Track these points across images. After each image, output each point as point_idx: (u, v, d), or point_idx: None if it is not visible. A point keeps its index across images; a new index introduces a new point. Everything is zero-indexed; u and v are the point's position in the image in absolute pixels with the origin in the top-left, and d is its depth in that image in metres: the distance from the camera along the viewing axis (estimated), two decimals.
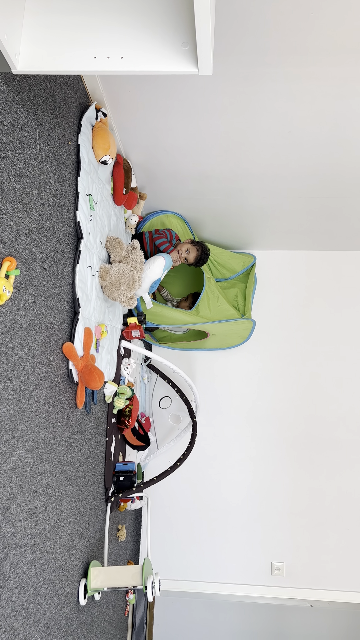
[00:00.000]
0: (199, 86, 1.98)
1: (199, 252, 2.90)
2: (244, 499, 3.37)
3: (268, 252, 3.65)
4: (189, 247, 2.88)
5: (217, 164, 2.53)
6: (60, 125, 1.69)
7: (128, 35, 1.25)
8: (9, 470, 1.31)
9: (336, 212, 2.98)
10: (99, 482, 2.27)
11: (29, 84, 1.43)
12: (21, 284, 1.38)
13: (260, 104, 2.05)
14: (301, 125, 2.17)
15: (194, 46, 1.19)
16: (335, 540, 3.28)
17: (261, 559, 3.30)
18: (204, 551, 3.33)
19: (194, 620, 4.10)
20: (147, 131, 2.31)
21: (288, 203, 2.91)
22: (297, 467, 3.38)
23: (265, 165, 2.51)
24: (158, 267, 2.60)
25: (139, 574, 2.03)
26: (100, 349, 2.14)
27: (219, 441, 3.46)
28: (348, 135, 2.22)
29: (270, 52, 1.77)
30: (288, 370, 3.52)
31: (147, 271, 2.53)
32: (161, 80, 1.96)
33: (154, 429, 3.43)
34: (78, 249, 1.85)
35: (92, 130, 2.00)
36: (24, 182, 1.39)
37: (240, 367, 3.55)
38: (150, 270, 2.54)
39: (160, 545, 3.32)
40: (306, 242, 3.50)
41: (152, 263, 2.59)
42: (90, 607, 2.15)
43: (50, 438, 1.62)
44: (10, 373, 1.31)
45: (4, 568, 1.29)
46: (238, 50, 1.77)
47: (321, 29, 1.65)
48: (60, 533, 1.72)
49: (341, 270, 3.61)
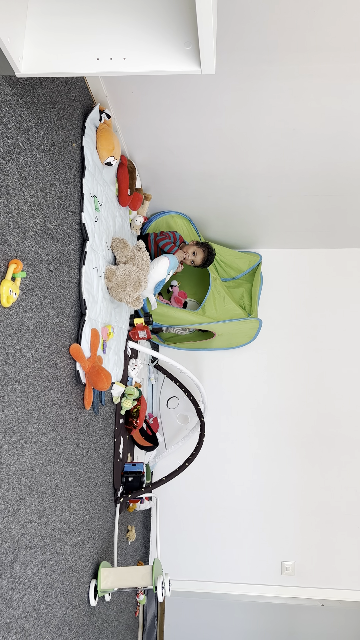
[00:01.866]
0: (202, 85, 1.98)
1: (206, 254, 2.90)
2: (253, 499, 3.36)
3: (273, 251, 3.64)
4: (195, 249, 2.88)
5: (221, 163, 2.52)
6: (64, 127, 1.69)
7: (130, 36, 1.26)
8: (17, 472, 1.32)
9: (341, 209, 2.97)
10: (108, 483, 2.28)
11: (32, 87, 1.43)
12: (27, 286, 1.39)
13: (264, 102, 2.05)
14: (305, 123, 2.16)
15: (197, 46, 1.19)
16: (346, 538, 3.27)
17: (271, 559, 3.29)
18: (214, 551, 3.33)
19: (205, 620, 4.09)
20: (151, 132, 2.31)
21: (293, 201, 2.90)
22: (306, 466, 3.37)
23: (269, 164, 2.50)
24: (162, 267, 2.60)
25: (149, 575, 2.03)
26: (107, 350, 2.15)
27: (227, 441, 3.45)
28: (353, 133, 2.21)
29: (273, 49, 1.76)
30: (295, 368, 3.51)
31: (152, 272, 2.54)
32: (164, 80, 1.97)
33: (162, 430, 3.43)
34: (84, 251, 1.85)
35: (96, 132, 2.00)
36: (29, 184, 1.40)
37: (248, 367, 3.54)
38: (154, 270, 2.55)
39: (170, 546, 3.32)
40: (311, 240, 3.48)
41: (157, 264, 2.59)
42: (101, 608, 2.15)
43: (59, 439, 1.62)
44: (18, 375, 1.32)
45: (15, 569, 1.30)
46: (240, 48, 1.77)
47: (324, 25, 1.65)
48: (69, 534, 1.73)
49: (346, 268, 3.59)
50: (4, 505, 1.25)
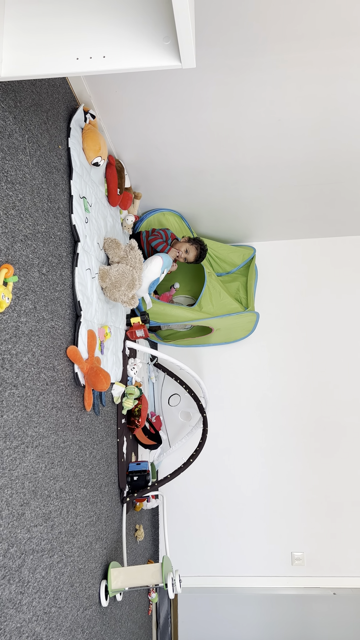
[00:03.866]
0: (185, 80, 1.97)
1: (198, 250, 2.90)
2: (259, 491, 3.37)
3: (267, 243, 3.64)
4: (187, 246, 2.88)
5: (209, 158, 2.52)
6: (49, 129, 1.69)
7: (109, 33, 1.25)
8: (20, 477, 1.32)
9: (332, 198, 2.97)
10: (113, 483, 2.28)
11: (14, 90, 1.43)
12: (20, 290, 1.39)
13: (248, 94, 2.04)
14: (290, 112, 2.16)
15: (175, 40, 1.19)
16: (354, 526, 3.27)
17: (281, 550, 3.30)
18: (223, 545, 3.34)
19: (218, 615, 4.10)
20: (137, 130, 2.31)
21: (283, 192, 2.90)
22: (311, 456, 3.38)
23: (257, 156, 2.50)
24: (156, 266, 2.61)
25: (158, 572, 2.03)
26: (105, 350, 2.14)
27: (230, 435, 3.45)
28: (338, 119, 2.20)
29: (254, 40, 1.76)
30: (295, 359, 3.51)
31: (145, 271, 2.54)
32: (147, 77, 1.96)
33: (165, 427, 3.43)
34: (76, 252, 1.85)
35: (82, 133, 2.00)
36: (16, 188, 1.39)
37: (247, 360, 3.55)
38: (148, 270, 2.54)
39: (179, 542, 3.32)
40: (304, 230, 3.48)
41: (150, 263, 2.59)
42: (113, 608, 2.16)
43: (61, 442, 1.62)
44: (15, 380, 1.32)
45: (23, 573, 1.30)
46: (222, 41, 1.76)
47: (303, 13, 1.64)
48: (77, 536, 1.73)
49: (341, 256, 3.59)
50: (9, 510, 1.25)
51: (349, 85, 1.99)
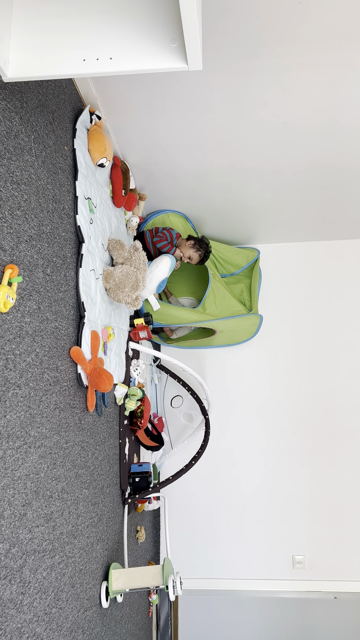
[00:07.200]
0: (192, 82, 1.98)
1: (202, 251, 2.90)
2: (261, 494, 3.36)
3: (271, 246, 3.64)
4: (191, 253, 2.88)
5: (214, 160, 2.52)
6: (55, 130, 1.69)
7: (116, 35, 1.25)
8: (22, 477, 1.32)
9: (336, 201, 2.96)
10: (115, 484, 2.28)
11: (20, 91, 1.43)
12: (25, 291, 1.39)
13: (254, 97, 2.04)
14: (296, 116, 2.16)
15: (182, 42, 1.19)
16: (356, 530, 3.26)
17: (282, 553, 3.29)
18: (224, 548, 3.33)
19: (219, 618, 4.09)
20: (143, 131, 2.31)
21: (288, 195, 2.90)
22: (312, 459, 3.37)
23: (262, 158, 2.49)
24: (165, 266, 2.62)
25: (159, 574, 2.02)
26: (108, 351, 2.14)
27: (233, 437, 3.45)
28: (343, 123, 2.20)
29: (260, 44, 1.76)
30: (298, 361, 3.51)
31: (155, 271, 2.55)
32: (153, 78, 1.96)
33: (167, 429, 3.43)
34: (80, 253, 1.85)
35: (88, 134, 2.00)
36: (21, 189, 1.40)
37: (250, 362, 3.54)
38: (158, 269, 2.56)
39: (181, 545, 3.32)
40: (308, 233, 3.48)
41: (160, 262, 2.60)
42: (114, 610, 2.15)
43: (63, 443, 1.62)
44: (19, 380, 1.32)
45: (24, 574, 1.30)
46: (228, 44, 1.76)
47: (309, 17, 1.64)
48: (78, 537, 1.73)
49: (345, 259, 3.59)
50: (11, 510, 1.25)
51: (356, 89, 1.99)
